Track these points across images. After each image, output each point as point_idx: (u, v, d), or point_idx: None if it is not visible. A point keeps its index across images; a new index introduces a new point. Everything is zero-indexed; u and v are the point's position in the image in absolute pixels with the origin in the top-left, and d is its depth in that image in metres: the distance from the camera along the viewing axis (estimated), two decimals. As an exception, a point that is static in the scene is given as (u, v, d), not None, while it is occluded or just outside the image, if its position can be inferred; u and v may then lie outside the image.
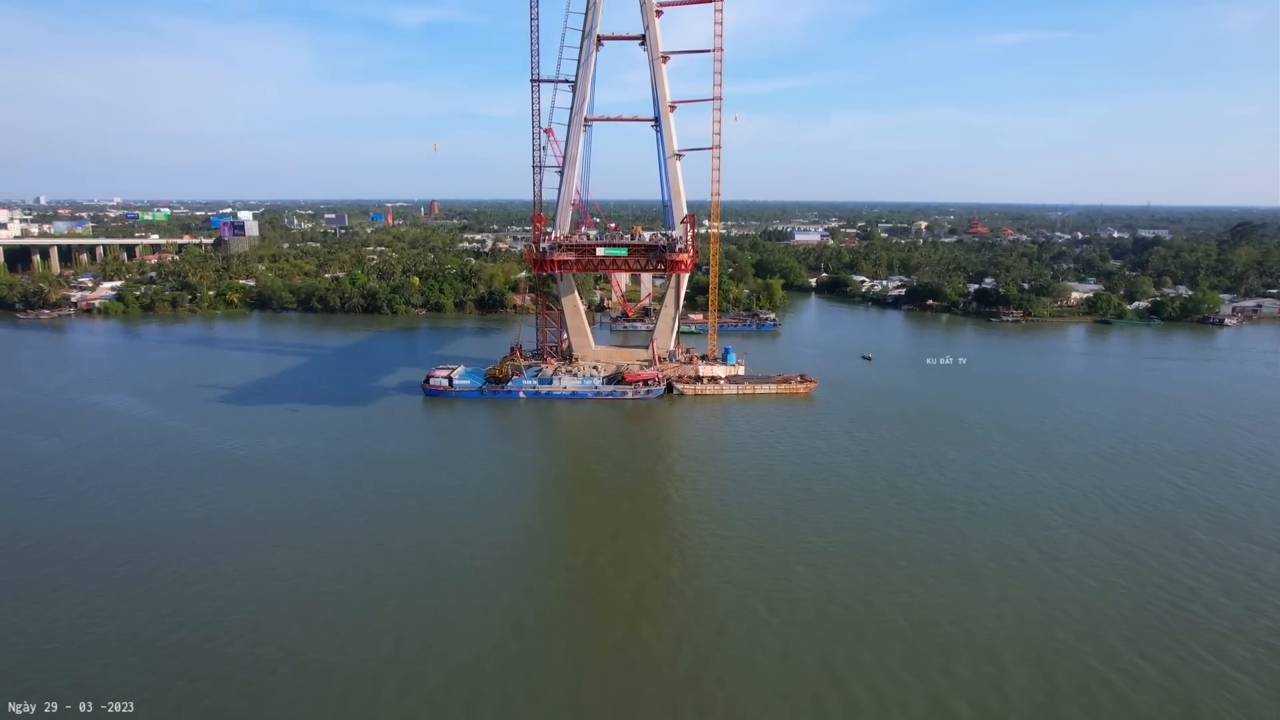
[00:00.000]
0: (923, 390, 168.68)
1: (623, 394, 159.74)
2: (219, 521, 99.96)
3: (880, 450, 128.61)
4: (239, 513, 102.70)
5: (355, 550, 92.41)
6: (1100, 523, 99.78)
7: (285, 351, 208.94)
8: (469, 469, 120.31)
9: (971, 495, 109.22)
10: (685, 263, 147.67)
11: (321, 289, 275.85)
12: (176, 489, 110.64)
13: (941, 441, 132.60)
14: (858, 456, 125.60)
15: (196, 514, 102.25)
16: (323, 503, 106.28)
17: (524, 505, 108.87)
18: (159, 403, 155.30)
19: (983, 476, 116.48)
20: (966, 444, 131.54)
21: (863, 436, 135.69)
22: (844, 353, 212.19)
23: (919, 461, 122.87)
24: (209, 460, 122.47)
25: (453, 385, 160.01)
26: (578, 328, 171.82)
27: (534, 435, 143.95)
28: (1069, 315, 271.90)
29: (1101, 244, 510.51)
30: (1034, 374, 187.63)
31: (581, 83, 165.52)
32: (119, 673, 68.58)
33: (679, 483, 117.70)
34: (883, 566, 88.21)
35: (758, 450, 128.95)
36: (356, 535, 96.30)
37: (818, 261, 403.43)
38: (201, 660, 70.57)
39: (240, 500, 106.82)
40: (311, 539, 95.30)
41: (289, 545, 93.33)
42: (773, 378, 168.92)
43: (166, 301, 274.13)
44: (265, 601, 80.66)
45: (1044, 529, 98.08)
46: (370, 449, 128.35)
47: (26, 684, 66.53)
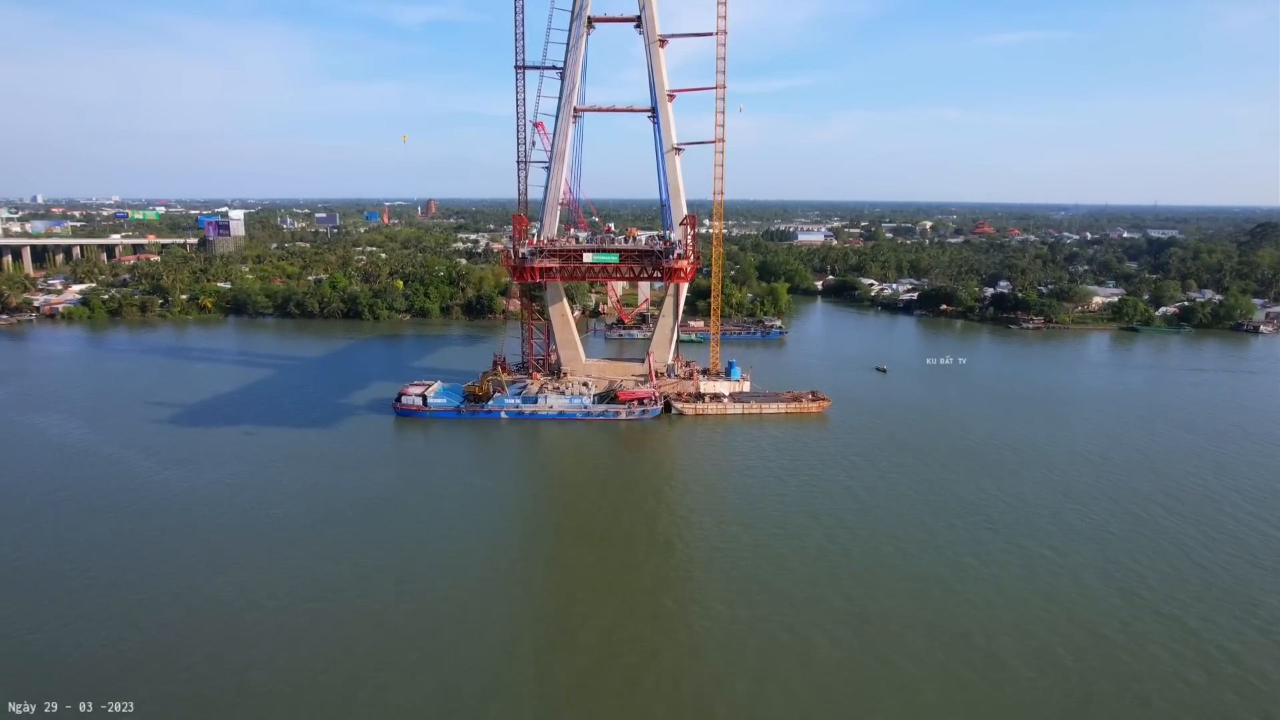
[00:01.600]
0: (949, 410, 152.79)
1: (615, 414, 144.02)
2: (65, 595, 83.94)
3: (914, 488, 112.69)
4: (104, 575, 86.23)
5: (279, 632, 76.82)
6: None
7: (253, 362, 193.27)
8: (435, 510, 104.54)
9: (1043, 554, 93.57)
10: (685, 270, 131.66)
11: (299, 293, 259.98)
12: (56, 547, 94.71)
13: (987, 476, 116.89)
14: (884, 495, 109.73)
15: (43, 582, 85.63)
16: (236, 559, 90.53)
17: (496, 561, 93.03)
18: (98, 425, 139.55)
19: (1061, 522, 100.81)
20: (1016, 478, 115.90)
21: (888, 468, 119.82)
22: (856, 364, 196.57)
23: (963, 506, 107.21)
24: (124, 500, 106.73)
25: (427, 404, 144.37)
26: (566, 339, 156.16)
27: (514, 465, 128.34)
28: (1092, 321, 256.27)
29: (1114, 245, 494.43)
30: (1070, 389, 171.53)
31: (571, 69, 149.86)
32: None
33: (680, 527, 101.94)
34: (933, 648, 72.64)
35: (769, 485, 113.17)
36: (280, 598, 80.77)
37: (823, 263, 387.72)
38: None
39: (124, 561, 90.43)
40: (214, 610, 79.71)
41: (182, 618, 77.70)
42: (781, 395, 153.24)
43: (135, 306, 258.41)
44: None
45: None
46: (319, 484, 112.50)
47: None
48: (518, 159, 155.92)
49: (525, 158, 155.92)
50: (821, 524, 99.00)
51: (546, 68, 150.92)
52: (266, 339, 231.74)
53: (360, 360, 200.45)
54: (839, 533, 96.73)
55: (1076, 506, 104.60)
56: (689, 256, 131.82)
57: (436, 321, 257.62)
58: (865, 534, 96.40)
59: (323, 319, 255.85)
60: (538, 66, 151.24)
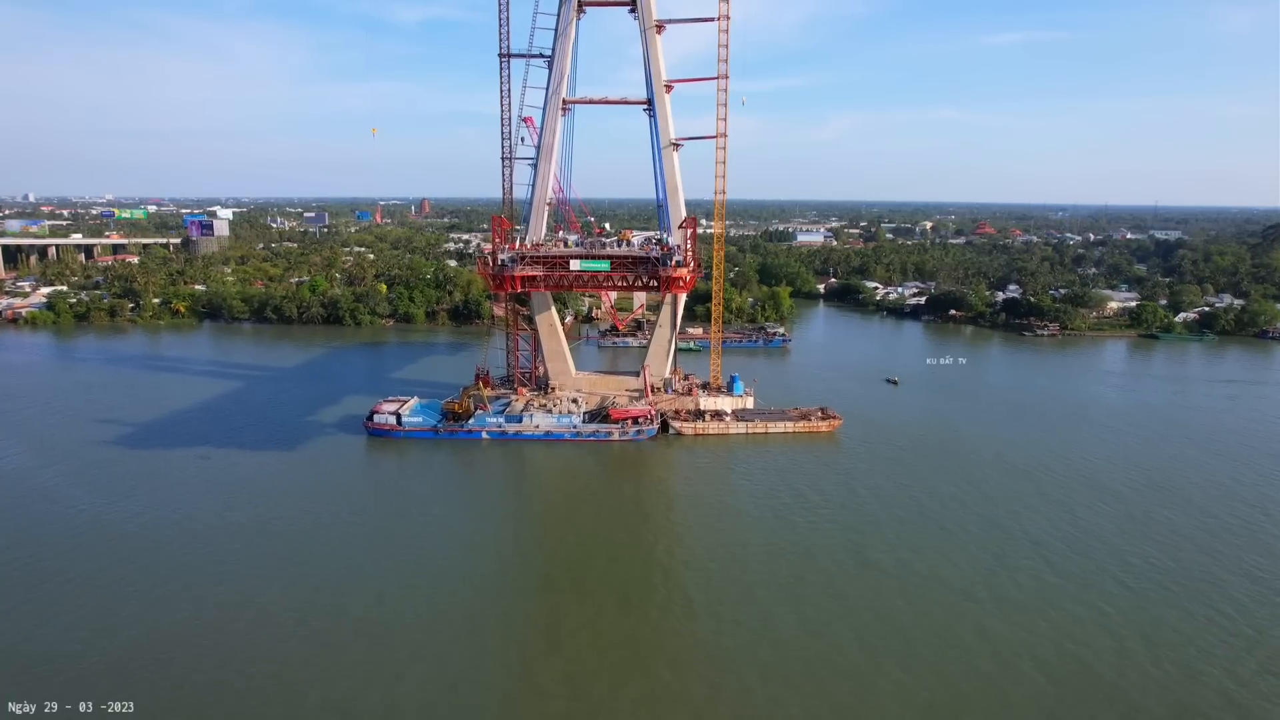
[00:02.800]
0: (970, 429, 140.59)
1: (607, 435, 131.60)
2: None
3: (947, 537, 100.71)
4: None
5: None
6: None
7: (222, 373, 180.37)
8: (400, 558, 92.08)
9: (1100, 618, 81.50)
10: (684, 280, 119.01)
11: (276, 298, 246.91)
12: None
13: (1023, 513, 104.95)
14: (910, 547, 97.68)
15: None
16: (158, 626, 78.15)
17: (466, 631, 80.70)
18: (37, 447, 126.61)
19: (1121, 580, 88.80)
20: (1054, 515, 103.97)
21: (910, 510, 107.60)
22: (865, 375, 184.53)
23: (1014, 550, 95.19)
24: (47, 546, 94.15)
25: (401, 423, 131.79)
26: (555, 351, 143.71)
27: (494, 497, 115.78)
28: (1109, 328, 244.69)
29: (1119, 246, 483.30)
30: (1097, 405, 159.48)
31: (560, 58, 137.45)
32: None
33: (679, 575, 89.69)
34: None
35: (779, 521, 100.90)
36: (205, 668, 68.44)
37: (824, 265, 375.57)
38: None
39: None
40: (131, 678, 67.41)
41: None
42: (789, 412, 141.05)
43: (103, 310, 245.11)
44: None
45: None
46: (272, 522, 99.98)
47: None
48: (502, 155, 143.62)
49: (510, 153, 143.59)
50: (839, 576, 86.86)
51: (533, 56, 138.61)
52: (240, 347, 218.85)
53: (336, 370, 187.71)
54: (854, 588, 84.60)
55: (1138, 554, 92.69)
56: (689, 264, 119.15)
57: (421, 327, 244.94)
58: (882, 589, 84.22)
59: (302, 324, 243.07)
60: (524, 55, 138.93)
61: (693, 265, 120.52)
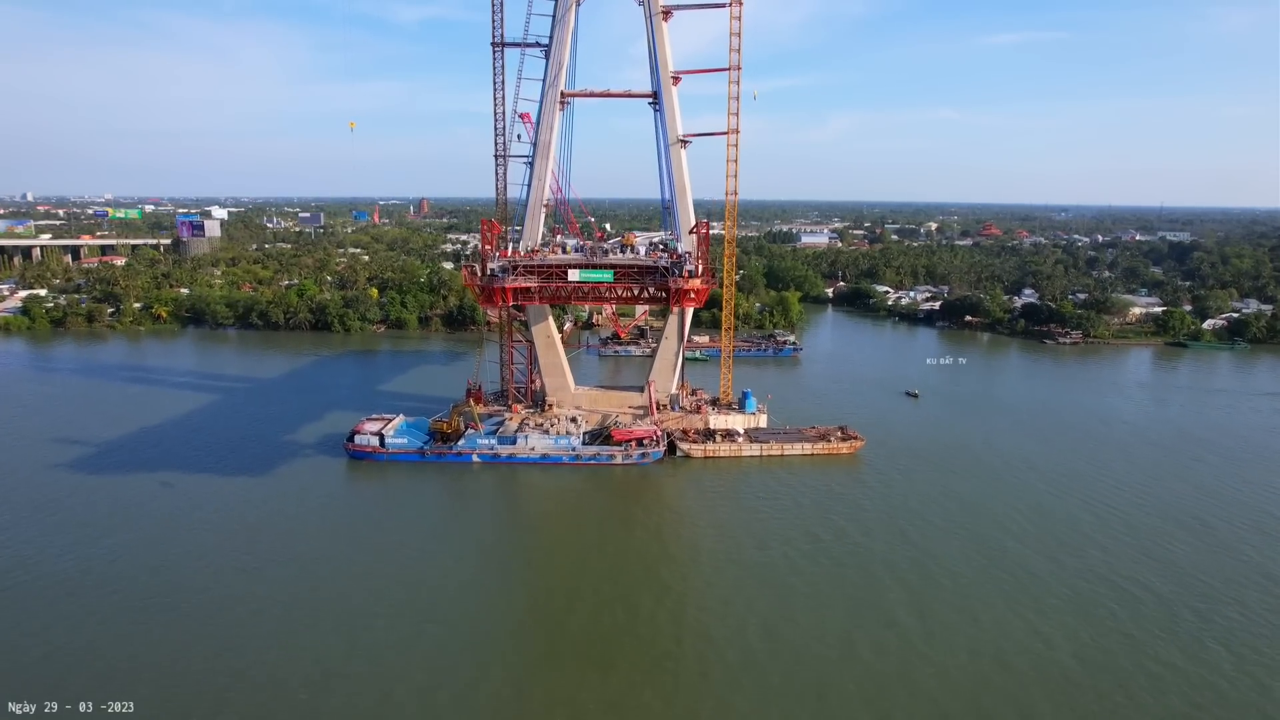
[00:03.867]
0: (1006, 451, 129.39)
1: (609, 458, 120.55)
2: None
3: (986, 577, 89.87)
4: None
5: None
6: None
7: (199, 385, 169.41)
8: (369, 614, 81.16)
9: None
10: (696, 293, 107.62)
11: (262, 303, 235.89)
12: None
13: (1064, 550, 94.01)
14: (948, 591, 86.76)
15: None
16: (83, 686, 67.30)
17: (445, 694, 69.69)
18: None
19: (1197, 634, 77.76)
20: (1106, 550, 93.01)
21: (945, 545, 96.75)
22: (882, 387, 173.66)
23: (1056, 592, 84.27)
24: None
25: (385, 445, 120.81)
26: (552, 365, 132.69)
27: (483, 532, 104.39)
28: (1133, 335, 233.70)
29: (1130, 248, 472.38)
30: (1133, 421, 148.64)
31: (557, 47, 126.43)
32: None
33: (703, 633, 78.80)
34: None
35: (802, 565, 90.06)
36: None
37: (832, 268, 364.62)
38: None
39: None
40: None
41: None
42: (805, 432, 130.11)
43: (81, 316, 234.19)
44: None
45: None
46: (230, 560, 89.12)
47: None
48: (495, 152, 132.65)
49: (505, 150, 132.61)
50: (870, 635, 75.96)
51: (529, 45, 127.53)
52: (221, 355, 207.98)
53: (321, 381, 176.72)
54: (893, 647, 73.64)
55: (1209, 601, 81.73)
56: (702, 273, 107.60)
57: (413, 334, 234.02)
58: (917, 655, 73.26)
59: (289, 331, 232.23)
60: (518, 44, 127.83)
61: (706, 275, 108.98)
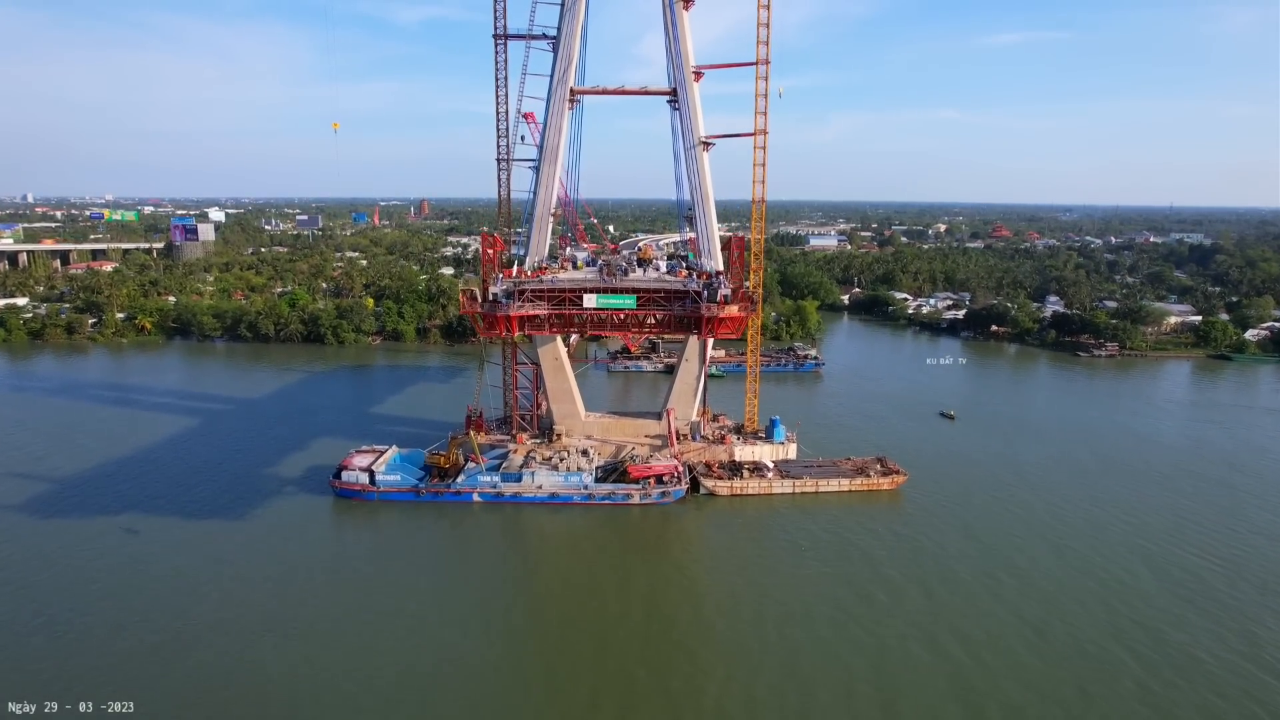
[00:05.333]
0: (1059, 487, 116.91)
1: (625, 497, 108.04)
2: None
3: (1070, 662, 77.46)
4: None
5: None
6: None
7: (177, 407, 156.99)
8: (361, 702, 68.81)
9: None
10: (735, 322, 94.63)
11: (251, 313, 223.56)
12: None
13: (1162, 620, 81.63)
14: (1042, 674, 74.39)
15: None
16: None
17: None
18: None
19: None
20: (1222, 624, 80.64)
21: (1011, 613, 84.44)
22: (914, 406, 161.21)
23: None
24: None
25: (375, 482, 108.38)
26: (561, 390, 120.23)
27: (485, 588, 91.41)
28: (1171, 347, 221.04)
29: (1148, 251, 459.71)
30: (1208, 447, 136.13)
31: (566, 39, 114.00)
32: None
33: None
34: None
35: (864, 632, 77.72)
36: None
37: (845, 273, 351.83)
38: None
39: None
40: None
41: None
42: (841, 465, 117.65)
43: (60, 327, 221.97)
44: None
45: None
46: (183, 649, 76.90)
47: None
48: (498, 155, 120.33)
49: (509, 153, 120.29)
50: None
51: (535, 37, 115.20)
52: (206, 371, 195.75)
53: (310, 402, 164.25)
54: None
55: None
56: (740, 299, 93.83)
57: (411, 346, 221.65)
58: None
59: (280, 343, 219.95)
60: (523, 36, 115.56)
61: (744, 302, 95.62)
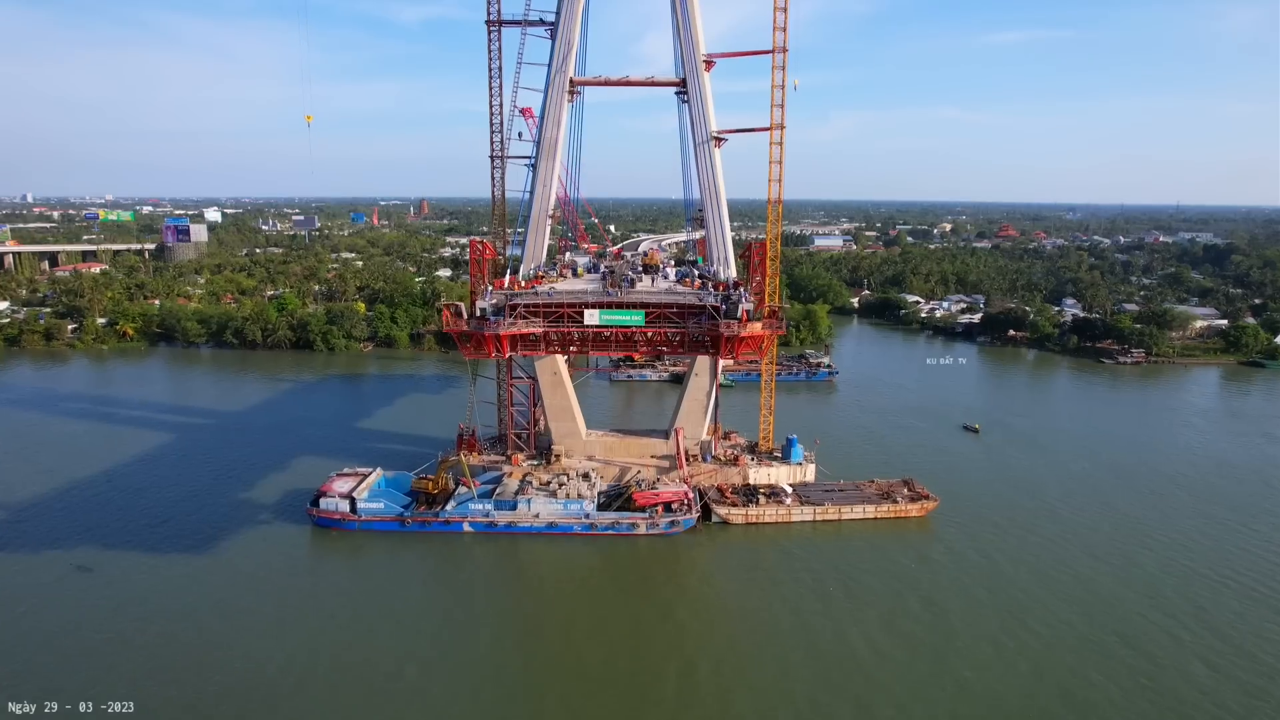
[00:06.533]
0: (1105, 510, 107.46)
1: (630, 526, 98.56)
2: None
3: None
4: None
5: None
6: None
7: (154, 422, 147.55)
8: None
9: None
10: (758, 341, 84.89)
11: (237, 319, 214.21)
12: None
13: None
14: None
15: None
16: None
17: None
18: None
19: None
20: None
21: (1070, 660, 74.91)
22: (934, 418, 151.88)
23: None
24: None
25: (356, 510, 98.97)
26: (560, 407, 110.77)
27: (477, 633, 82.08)
28: (1199, 353, 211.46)
29: (1159, 250, 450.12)
30: (1270, 465, 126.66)
31: (566, 24, 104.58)
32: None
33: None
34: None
35: (909, 695, 68.27)
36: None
37: (853, 274, 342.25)
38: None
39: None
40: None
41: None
42: (865, 488, 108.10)
43: (38, 333, 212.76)
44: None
45: None
46: (144, 694, 67.55)
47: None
48: (491, 152, 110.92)
49: (503, 149, 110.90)
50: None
51: (531, 23, 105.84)
52: (187, 380, 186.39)
53: (295, 414, 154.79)
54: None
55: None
56: (768, 314, 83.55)
57: (404, 353, 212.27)
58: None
59: (268, 350, 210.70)
60: (518, 22, 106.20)
61: (772, 318, 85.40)
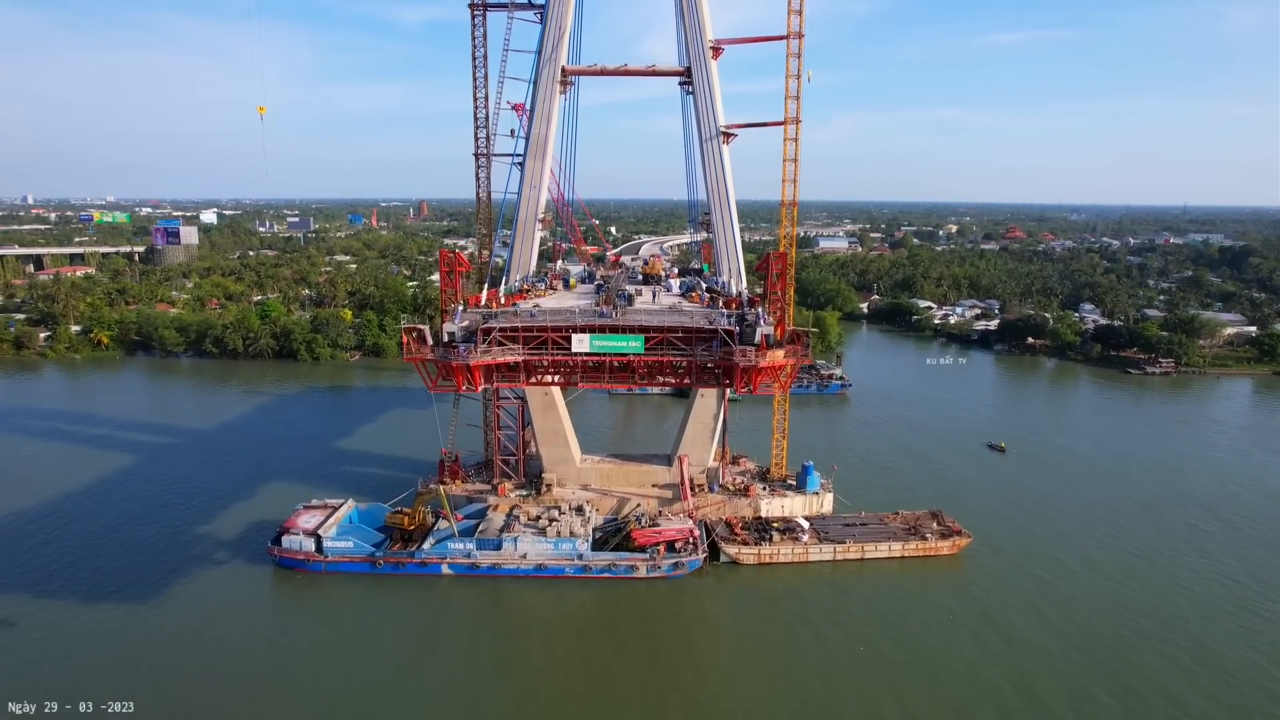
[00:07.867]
0: (1148, 546, 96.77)
1: (630, 569, 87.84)
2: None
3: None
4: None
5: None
6: None
7: (115, 442, 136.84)
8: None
9: None
10: (779, 371, 74.22)
11: (218, 327, 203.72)
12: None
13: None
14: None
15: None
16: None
17: None
18: None
19: None
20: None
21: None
22: (956, 434, 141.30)
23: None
24: None
25: (323, 550, 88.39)
26: (551, 432, 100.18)
27: (452, 694, 71.60)
28: (1231, 362, 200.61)
29: (1171, 252, 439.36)
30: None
31: (558, 8, 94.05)
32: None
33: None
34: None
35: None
36: None
37: (861, 278, 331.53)
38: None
39: None
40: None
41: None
42: (889, 522, 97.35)
43: (8, 341, 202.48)
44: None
45: None
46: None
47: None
48: (475, 150, 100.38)
49: (488, 146, 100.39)
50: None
51: (519, 5, 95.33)
52: (160, 394, 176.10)
53: (271, 432, 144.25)
54: None
55: None
56: (791, 339, 72.69)
57: (393, 363, 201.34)
58: None
59: (250, 359, 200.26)
60: (504, 4, 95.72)
61: (795, 345, 74.69)
